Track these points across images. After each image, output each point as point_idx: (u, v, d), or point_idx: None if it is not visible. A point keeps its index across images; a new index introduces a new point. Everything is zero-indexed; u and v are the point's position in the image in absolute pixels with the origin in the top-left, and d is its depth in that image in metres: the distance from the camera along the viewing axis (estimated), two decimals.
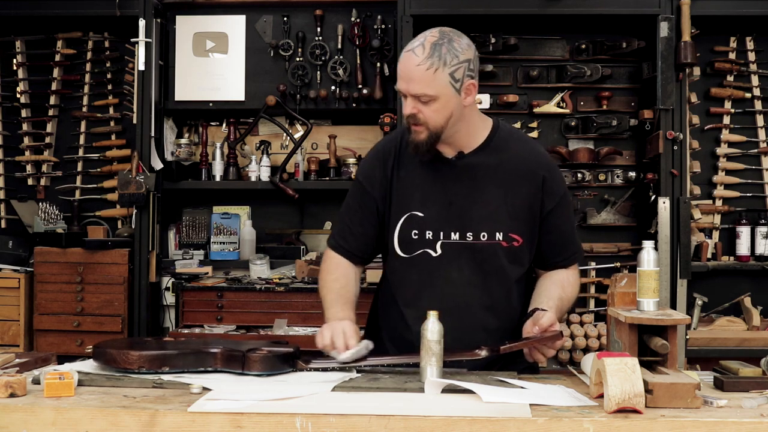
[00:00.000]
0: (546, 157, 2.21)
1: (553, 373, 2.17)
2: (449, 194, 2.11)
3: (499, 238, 2.09)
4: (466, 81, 2.03)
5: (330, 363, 1.96)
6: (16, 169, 4.18)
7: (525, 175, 2.12)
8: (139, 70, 3.84)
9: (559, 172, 2.22)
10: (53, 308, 3.80)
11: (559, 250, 2.19)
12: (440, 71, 1.97)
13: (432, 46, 1.97)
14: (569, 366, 3.05)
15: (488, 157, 2.13)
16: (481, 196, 2.10)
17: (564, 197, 2.17)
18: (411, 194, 2.13)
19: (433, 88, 1.98)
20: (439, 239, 2.10)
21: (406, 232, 2.12)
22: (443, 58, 1.97)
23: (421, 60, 1.97)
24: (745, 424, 1.51)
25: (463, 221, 2.10)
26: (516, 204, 2.11)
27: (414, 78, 1.98)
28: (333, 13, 4.07)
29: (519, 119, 4.02)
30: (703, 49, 3.86)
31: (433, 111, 2.01)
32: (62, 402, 1.61)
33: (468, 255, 2.09)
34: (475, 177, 2.11)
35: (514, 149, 2.15)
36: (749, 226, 3.89)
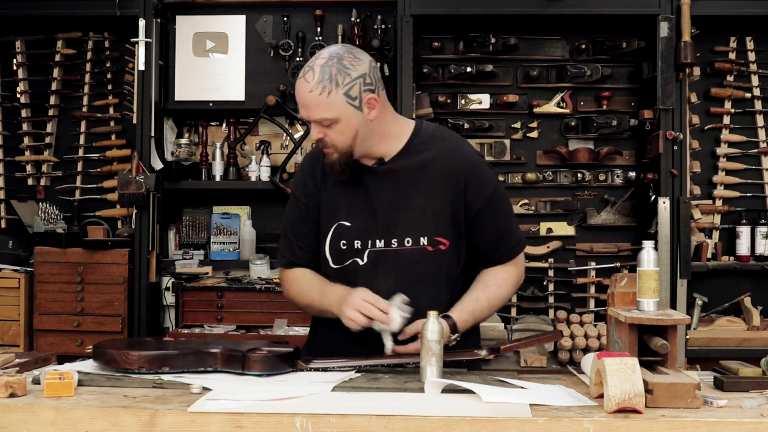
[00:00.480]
0: (469, 155, 2.15)
1: (553, 373, 2.17)
2: (374, 202, 2.10)
3: (424, 242, 2.07)
4: (365, 96, 2.01)
5: (330, 363, 1.96)
6: (16, 169, 4.18)
7: (447, 177, 2.09)
8: (139, 70, 3.84)
9: (486, 168, 2.16)
10: (53, 308, 3.80)
11: (495, 247, 2.15)
12: (333, 93, 1.96)
13: (321, 69, 1.96)
14: (569, 366, 3.05)
15: (409, 161, 2.10)
16: (404, 202, 2.08)
17: (494, 194, 2.12)
18: (338, 204, 2.13)
19: (330, 111, 1.98)
20: (366, 248, 2.09)
21: (336, 243, 2.12)
22: (334, 80, 1.96)
23: (312, 86, 1.96)
24: (745, 424, 1.51)
25: (388, 228, 2.08)
26: (440, 206, 2.08)
27: (310, 104, 1.98)
28: (333, 13, 4.07)
29: (519, 119, 4.02)
30: (703, 49, 3.86)
31: (337, 133, 2.01)
32: (62, 402, 1.61)
33: (394, 262, 2.08)
34: (398, 182, 2.09)
35: (435, 150, 2.11)
36: (749, 226, 3.89)
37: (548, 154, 4.01)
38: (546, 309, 3.95)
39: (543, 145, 4.02)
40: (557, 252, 4.00)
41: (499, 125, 4.02)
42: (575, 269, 3.95)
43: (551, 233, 4.01)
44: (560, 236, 4.01)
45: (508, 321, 3.83)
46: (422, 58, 3.98)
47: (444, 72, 4.00)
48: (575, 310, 3.86)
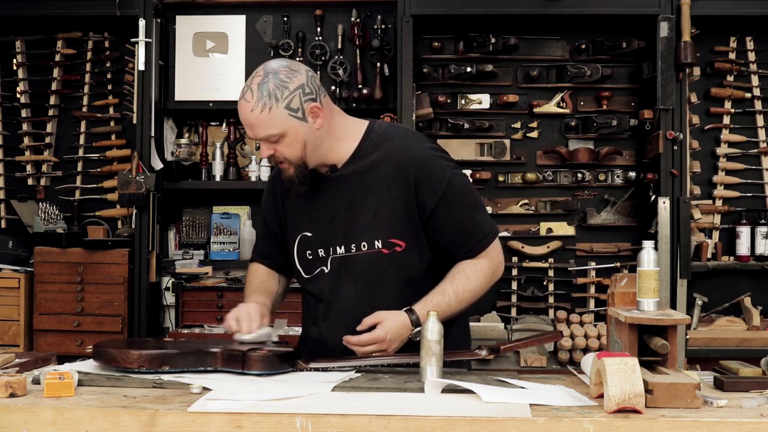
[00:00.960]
0: (419, 152, 2.08)
1: (553, 373, 2.17)
2: (331, 209, 2.11)
3: (379, 246, 2.06)
4: (307, 106, 2.00)
5: (330, 363, 1.96)
6: (16, 169, 4.18)
7: (397, 177, 2.06)
8: (139, 70, 3.84)
9: (439, 163, 2.09)
10: (53, 308, 3.80)
11: (459, 243, 2.10)
12: (275, 108, 1.97)
13: (259, 87, 1.97)
14: (569, 366, 3.05)
15: (360, 165, 2.09)
16: (358, 206, 2.08)
17: (447, 189, 2.06)
18: (299, 216, 2.16)
19: (274, 127, 1.98)
20: (329, 255, 2.11)
21: (302, 253, 2.15)
22: (273, 95, 1.96)
23: (252, 104, 1.97)
24: (745, 424, 1.51)
25: (346, 234, 2.09)
26: (392, 208, 2.06)
27: (254, 123, 1.99)
28: (333, 13, 4.07)
29: (519, 119, 4.02)
30: (703, 49, 3.86)
31: (286, 147, 2.02)
32: (62, 402, 1.61)
33: (354, 267, 2.08)
34: (351, 188, 2.09)
35: (384, 151, 2.08)
36: (749, 226, 3.89)
37: (548, 154, 4.01)
38: (546, 309, 3.95)
39: (543, 145, 4.02)
40: (557, 252, 4.00)
41: (499, 125, 4.02)
42: (575, 269, 3.95)
43: (551, 233, 4.01)
44: (560, 236, 4.01)
45: (508, 321, 3.83)
46: (422, 58, 3.98)
47: (444, 72, 4.00)
48: (575, 310, 3.87)
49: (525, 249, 3.96)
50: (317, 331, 2.16)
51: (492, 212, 3.98)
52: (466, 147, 4.00)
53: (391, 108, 3.92)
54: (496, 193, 4.02)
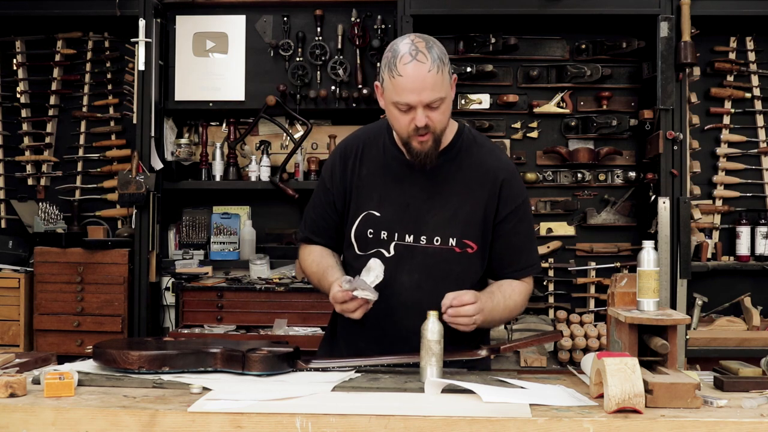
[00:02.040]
0: (507, 165, 2.17)
1: (553, 373, 2.17)
2: (407, 196, 2.11)
3: (453, 243, 2.09)
4: (452, 76, 2.06)
5: (330, 363, 1.96)
6: (16, 169, 4.18)
7: (483, 182, 2.11)
8: (139, 70, 3.84)
9: (520, 181, 2.19)
10: (53, 308, 3.80)
11: (508, 261, 2.14)
12: (444, 71, 1.99)
13: (428, 50, 1.97)
14: (569, 366, 3.05)
15: (449, 161, 2.12)
16: (437, 200, 2.10)
17: (520, 207, 2.14)
18: (370, 194, 2.14)
19: (443, 90, 2.00)
20: (393, 240, 2.10)
21: (363, 230, 2.13)
22: (441, 59, 1.98)
23: (429, 65, 1.95)
24: (745, 424, 1.51)
25: (418, 224, 2.09)
26: (472, 210, 2.10)
27: (428, 86, 1.96)
28: (333, 13, 4.07)
29: (519, 119, 4.02)
30: (703, 49, 3.86)
31: (441, 113, 2.02)
32: (62, 402, 1.62)
33: (420, 258, 2.08)
34: (435, 181, 2.11)
35: (475, 155, 2.14)
36: (749, 226, 3.89)
37: (548, 154, 4.01)
38: (546, 309, 3.95)
39: (543, 145, 4.02)
40: (557, 252, 4.00)
41: (499, 125, 4.02)
42: (575, 269, 3.95)
43: (551, 233, 4.01)
44: (560, 236, 4.01)
45: (508, 321, 3.83)
46: None
47: None
48: (575, 310, 3.86)
49: None
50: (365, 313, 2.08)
51: None
52: None
53: None
54: None
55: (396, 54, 1.98)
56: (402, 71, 1.96)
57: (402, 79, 1.96)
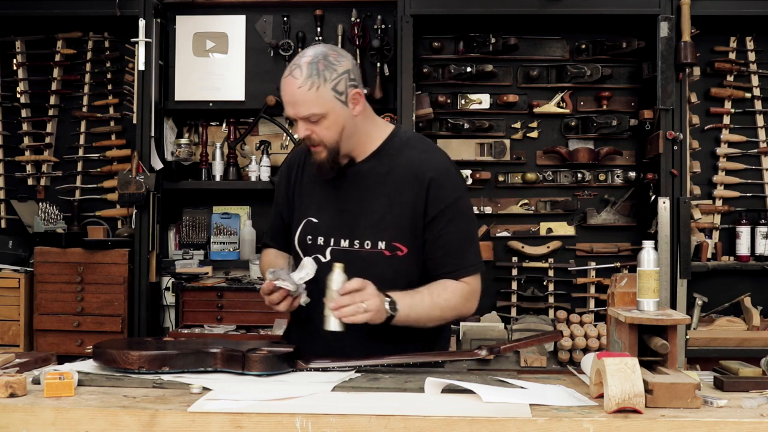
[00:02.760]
0: (438, 164, 2.13)
1: (553, 373, 2.16)
2: (341, 202, 2.14)
3: (382, 247, 2.10)
4: (351, 91, 2.04)
5: (330, 363, 1.96)
6: (16, 169, 4.18)
7: (411, 183, 2.10)
8: (139, 70, 3.84)
9: (453, 180, 2.14)
10: (53, 308, 3.80)
11: (441, 261, 2.12)
12: (322, 88, 1.99)
13: (308, 65, 1.99)
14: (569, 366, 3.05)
15: (378, 164, 2.13)
16: (368, 204, 2.11)
17: (451, 207, 2.10)
18: (310, 201, 2.19)
19: (319, 106, 2.00)
20: (329, 245, 2.14)
21: (303, 237, 2.18)
22: (322, 75, 1.99)
23: (301, 82, 1.98)
24: (745, 424, 1.51)
25: (351, 229, 2.12)
26: (400, 212, 2.09)
27: (298, 101, 2.00)
28: (333, 13, 4.07)
29: (519, 119, 4.02)
30: (703, 49, 3.86)
31: (325, 128, 2.03)
32: (62, 402, 1.61)
33: (353, 262, 2.08)
34: (365, 185, 2.12)
35: (406, 156, 2.12)
36: (749, 226, 3.89)
37: (548, 154, 4.01)
38: (546, 309, 3.95)
39: (543, 145, 4.02)
40: (557, 252, 4.00)
41: (499, 125, 4.02)
42: (575, 269, 3.95)
43: (551, 233, 4.01)
44: (560, 236, 4.01)
45: (508, 321, 3.83)
46: (422, 58, 3.98)
47: (444, 72, 4.00)
48: (575, 310, 3.87)
49: (525, 249, 3.96)
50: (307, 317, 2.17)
51: (492, 212, 3.99)
52: (466, 147, 4.00)
53: (391, 108, 3.92)
54: (496, 193, 4.02)
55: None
56: (281, 85, 2.04)
57: (281, 92, 2.04)
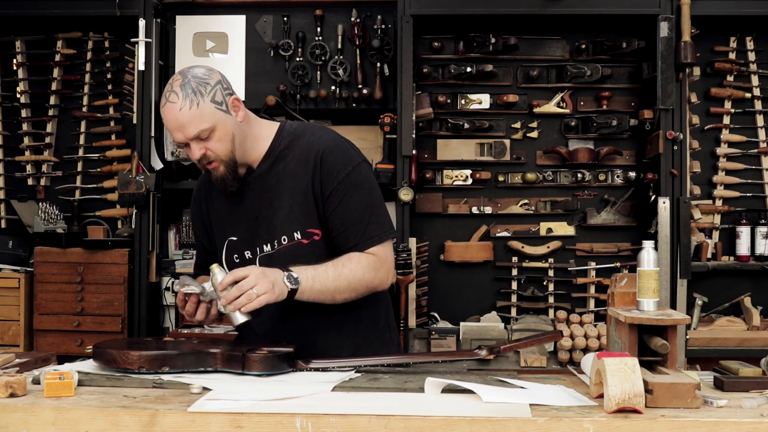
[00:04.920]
0: (326, 141, 2.14)
1: (553, 373, 2.17)
2: (253, 210, 2.16)
3: (298, 237, 2.12)
4: (229, 99, 2.07)
5: (330, 363, 1.96)
6: (16, 169, 4.18)
7: (304, 166, 2.12)
8: (139, 70, 3.84)
9: (343, 155, 2.13)
10: (53, 308, 3.80)
11: (346, 236, 2.11)
12: (202, 103, 2.01)
13: (181, 86, 2.01)
14: (569, 366, 3.05)
15: (273, 162, 2.15)
16: (276, 203, 2.13)
17: (345, 180, 2.10)
18: (224, 221, 2.21)
19: (205, 121, 2.02)
20: (257, 255, 2.16)
21: (231, 258, 2.19)
22: (197, 91, 2.01)
23: (180, 104, 2.00)
24: (745, 424, 1.51)
25: (269, 232, 2.14)
26: (304, 198, 2.11)
27: (184, 122, 2.01)
28: (333, 13, 4.07)
29: (519, 119, 4.02)
30: (703, 49, 3.86)
31: (217, 141, 2.05)
32: (62, 402, 1.61)
33: (280, 262, 2.08)
34: (268, 186, 2.14)
35: (296, 146, 2.15)
36: (749, 226, 3.89)
37: (548, 154, 4.01)
38: (546, 309, 3.95)
39: (543, 145, 4.02)
40: (557, 252, 4.00)
41: (499, 125, 4.02)
42: (575, 269, 3.95)
43: (551, 233, 4.01)
44: (560, 236, 4.01)
45: (508, 321, 3.83)
46: (422, 58, 3.98)
47: (444, 72, 4.00)
48: (575, 310, 3.87)
49: (525, 249, 3.96)
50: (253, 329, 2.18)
51: (492, 212, 3.99)
52: (466, 147, 4.00)
53: (391, 108, 3.92)
54: (496, 193, 4.02)
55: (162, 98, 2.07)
56: (163, 114, 2.05)
57: (165, 121, 2.05)
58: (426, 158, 3.97)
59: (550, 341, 2.17)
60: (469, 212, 4.00)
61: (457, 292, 3.96)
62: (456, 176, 3.97)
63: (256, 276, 1.94)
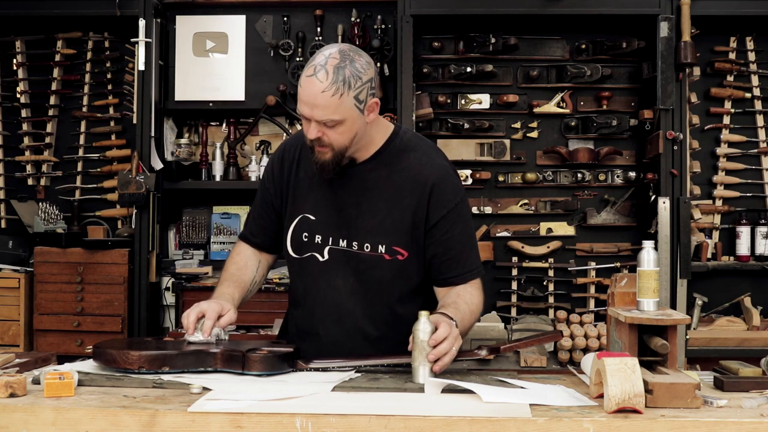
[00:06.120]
0: (438, 169, 2.11)
1: (553, 373, 2.17)
2: (339, 201, 2.11)
3: (382, 251, 2.08)
4: (370, 100, 1.99)
5: (330, 363, 1.96)
6: (16, 169, 4.18)
7: (413, 187, 2.07)
8: (139, 70, 3.84)
9: (454, 183, 2.13)
10: (53, 308, 3.80)
11: (447, 266, 2.10)
12: (345, 95, 1.93)
13: (335, 69, 1.92)
14: (569, 366, 3.05)
15: (379, 166, 2.10)
16: (367, 207, 2.09)
17: (453, 211, 2.09)
18: (305, 197, 2.14)
19: (339, 113, 1.94)
20: (327, 244, 2.11)
21: (298, 234, 2.14)
22: (347, 82, 1.93)
23: (326, 86, 1.91)
24: (745, 424, 1.51)
25: (349, 230, 2.09)
26: (401, 217, 2.07)
27: (319, 104, 1.93)
28: (333, 13, 4.07)
29: (519, 119, 4.02)
30: (703, 49, 3.86)
31: (338, 134, 1.98)
32: (62, 402, 1.61)
33: (353, 264, 2.09)
34: (364, 187, 2.10)
35: (407, 160, 2.10)
36: (749, 226, 3.89)
37: (548, 154, 4.01)
38: (546, 309, 3.95)
39: (543, 145, 4.02)
40: (557, 252, 4.00)
41: (499, 125, 4.02)
42: (575, 269, 3.95)
43: (551, 233, 4.01)
44: (560, 236, 4.01)
45: (508, 321, 3.83)
46: (422, 58, 3.98)
47: (444, 72, 4.00)
48: (575, 310, 3.86)
49: (525, 249, 3.96)
50: (302, 316, 2.17)
51: (492, 212, 3.99)
52: (466, 147, 4.00)
53: (391, 108, 3.92)
54: (496, 193, 4.02)
55: (311, 61, 1.97)
56: (302, 82, 1.96)
57: (301, 89, 1.96)
58: None
59: (550, 341, 2.17)
60: None
61: None
62: None
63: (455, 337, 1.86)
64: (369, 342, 2.10)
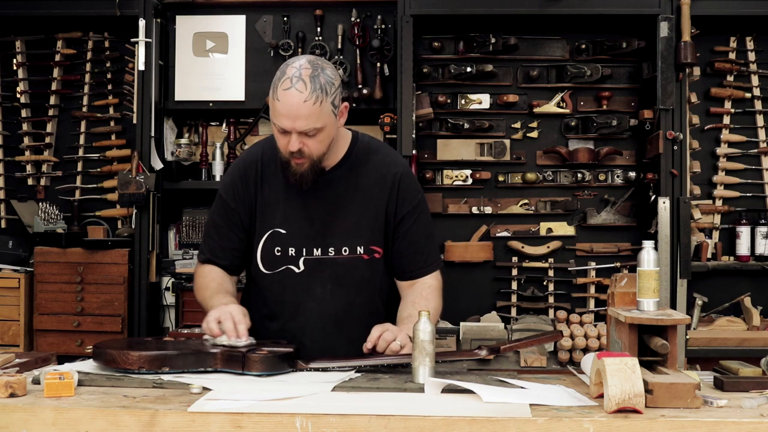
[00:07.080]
0: (402, 165, 2.24)
1: (553, 373, 2.17)
2: (311, 211, 2.14)
3: (360, 251, 2.14)
4: (341, 104, 2.06)
5: (330, 363, 1.96)
6: (16, 169, 4.18)
7: (381, 184, 2.16)
8: (139, 70, 3.84)
9: (414, 179, 2.26)
10: (53, 308, 3.80)
11: (412, 259, 2.19)
12: (324, 102, 1.98)
13: (311, 79, 1.96)
14: (569, 366, 3.05)
15: (347, 171, 2.16)
16: (341, 211, 2.13)
17: (419, 205, 2.19)
18: (274, 211, 2.16)
19: (321, 121, 1.99)
20: (302, 255, 2.14)
21: (269, 249, 2.16)
22: (324, 89, 1.98)
23: (306, 96, 1.95)
24: (745, 424, 1.51)
25: (325, 237, 2.13)
26: (374, 215, 2.15)
27: (302, 115, 1.96)
28: (333, 13, 4.07)
29: (519, 119, 4.02)
30: (703, 49, 3.86)
31: (318, 141, 2.03)
32: (62, 402, 1.62)
33: (330, 270, 2.12)
34: (335, 193, 2.14)
35: (372, 161, 2.18)
36: (749, 226, 3.89)
37: (548, 154, 4.01)
38: (546, 309, 3.95)
39: (543, 145, 4.02)
40: (557, 252, 4.00)
41: (499, 125, 4.02)
42: (575, 269, 3.95)
43: (551, 233, 4.01)
44: (560, 236, 4.01)
45: (508, 321, 3.83)
46: (422, 58, 3.98)
47: (444, 72, 4.00)
48: (575, 310, 3.86)
49: (525, 249, 3.96)
50: (281, 328, 2.19)
51: (492, 212, 3.99)
52: (466, 147, 4.00)
53: (391, 108, 3.92)
54: (496, 193, 4.02)
55: (281, 75, 1.99)
56: (280, 96, 1.97)
57: (279, 103, 1.98)
58: (426, 158, 3.97)
59: (550, 341, 2.18)
60: (469, 212, 4.00)
61: (457, 292, 3.95)
62: (456, 176, 3.97)
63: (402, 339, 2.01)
64: (351, 343, 2.11)
